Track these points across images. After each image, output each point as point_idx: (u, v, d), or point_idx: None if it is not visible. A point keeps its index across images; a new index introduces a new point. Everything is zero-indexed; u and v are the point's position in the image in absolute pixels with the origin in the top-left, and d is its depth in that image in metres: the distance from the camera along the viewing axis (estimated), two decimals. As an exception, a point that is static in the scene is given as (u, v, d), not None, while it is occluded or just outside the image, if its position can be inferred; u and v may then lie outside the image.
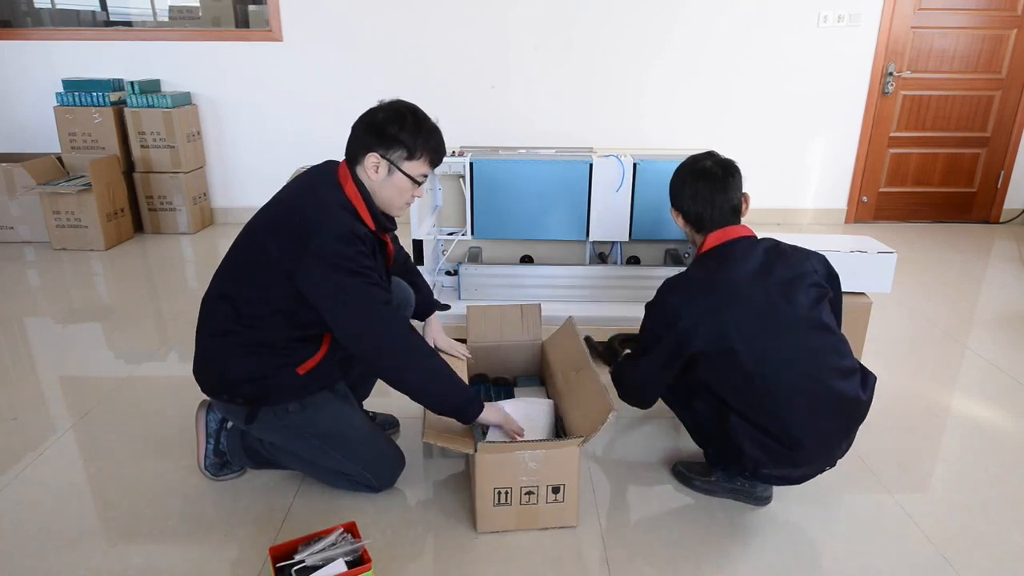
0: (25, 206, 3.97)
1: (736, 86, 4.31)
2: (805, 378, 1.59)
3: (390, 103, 1.66)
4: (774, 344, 1.58)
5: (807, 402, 1.59)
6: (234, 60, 4.27)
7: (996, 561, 1.65)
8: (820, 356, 1.61)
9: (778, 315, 1.59)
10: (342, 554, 1.50)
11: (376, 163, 1.60)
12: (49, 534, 1.70)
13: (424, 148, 1.62)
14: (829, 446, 1.67)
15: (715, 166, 1.75)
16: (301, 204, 1.62)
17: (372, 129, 1.61)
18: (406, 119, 1.60)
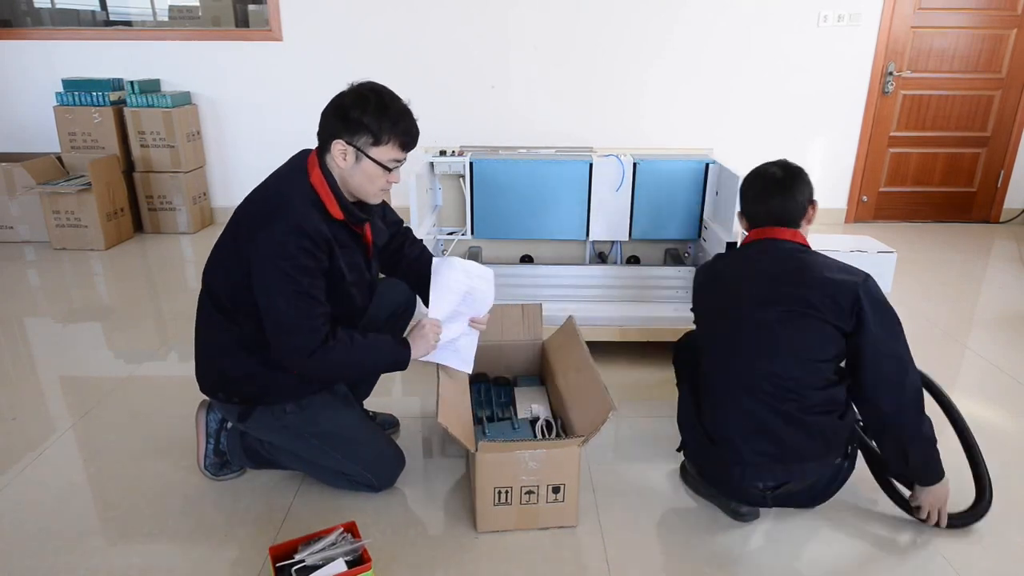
0: (25, 206, 3.96)
1: (736, 86, 4.31)
2: (733, 375, 1.65)
3: (357, 85, 1.58)
4: (721, 333, 1.70)
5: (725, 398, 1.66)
6: (234, 60, 4.27)
7: (995, 561, 1.65)
8: (754, 358, 1.62)
9: (735, 311, 1.67)
10: (342, 554, 1.50)
11: (343, 150, 1.54)
12: (49, 534, 1.70)
13: (391, 132, 1.54)
14: (749, 465, 1.63)
15: (778, 169, 1.77)
16: (262, 196, 1.61)
17: (337, 114, 1.55)
18: (369, 102, 1.52)
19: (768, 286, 1.64)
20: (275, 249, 1.50)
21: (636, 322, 2.57)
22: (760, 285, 1.65)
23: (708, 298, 1.79)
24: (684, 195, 2.73)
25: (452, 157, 2.70)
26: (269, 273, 1.52)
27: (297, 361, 1.58)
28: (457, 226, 2.83)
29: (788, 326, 1.59)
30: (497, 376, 2.26)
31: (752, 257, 1.71)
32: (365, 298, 1.77)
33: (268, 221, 1.52)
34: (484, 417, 2.03)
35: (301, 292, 1.52)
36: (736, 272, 1.72)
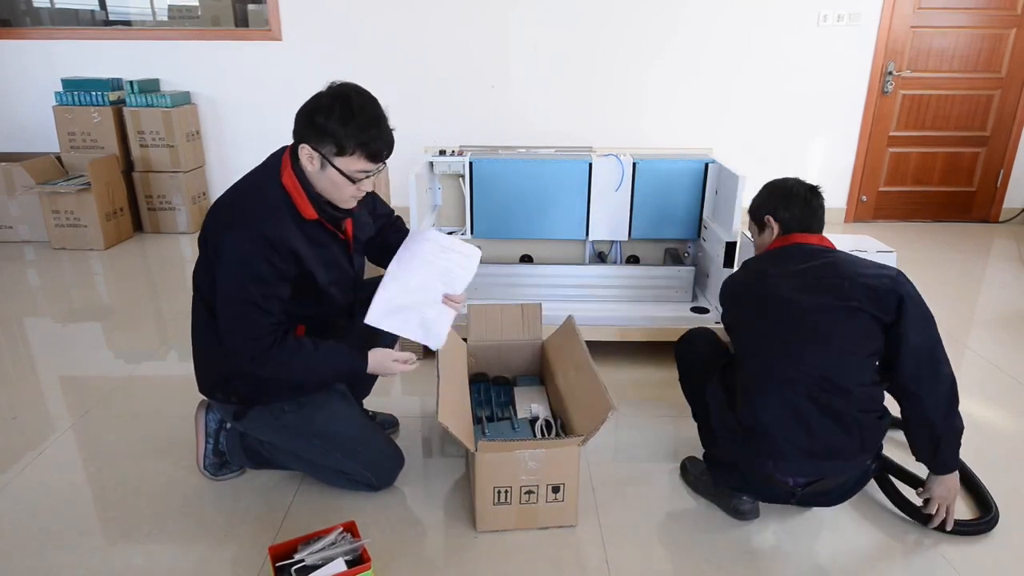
0: (24, 206, 3.96)
1: (736, 85, 4.31)
2: (779, 369, 1.62)
3: (332, 87, 1.51)
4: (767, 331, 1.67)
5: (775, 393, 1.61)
6: (233, 59, 4.27)
7: (996, 561, 1.65)
8: (803, 351, 1.61)
9: (779, 308, 1.66)
10: (342, 553, 1.50)
11: (309, 155, 1.50)
12: (49, 534, 1.70)
13: (356, 143, 1.47)
14: (779, 449, 1.60)
15: (804, 185, 1.85)
16: (232, 197, 1.59)
17: (305, 116, 1.49)
18: (334, 109, 1.45)
19: (811, 282, 1.65)
20: (233, 255, 1.50)
21: (636, 322, 2.57)
22: (803, 281, 1.66)
23: (747, 301, 1.77)
24: (684, 195, 2.73)
25: (452, 157, 2.70)
26: (224, 277, 1.52)
27: (241, 363, 1.58)
28: (457, 226, 2.83)
29: (835, 318, 1.61)
30: (497, 376, 2.26)
31: (786, 259, 1.74)
32: (348, 295, 1.76)
33: (231, 225, 1.51)
34: (484, 417, 2.03)
35: (249, 301, 1.51)
36: (776, 272, 1.72)
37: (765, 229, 1.86)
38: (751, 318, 1.74)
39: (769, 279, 1.71)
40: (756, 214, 1.89)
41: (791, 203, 1.81)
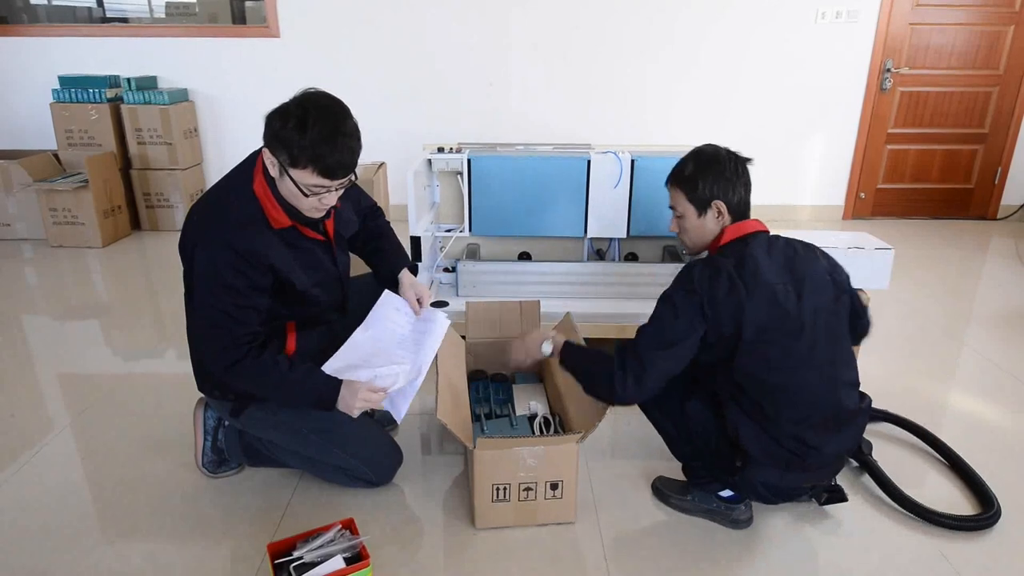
0: (22, 203, 3.96)
1: (734, 83, 4.31)
2: (817, 382, 1.55)
3: (303, 96, 1.45)
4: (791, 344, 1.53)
5: (812, 406, 1.55)
6: (231, 56, 4.26)
7: (993, 557, 1.65)
8: (835, 367, 1.57)
9: (799, 316, 1.53)
10: (340, 550, 1.50)
11: (271, 161, 1.46)
12: (47, 532, 1.70)
13: (307, 157, 1.40)
14: (822, 456, 1.58)
15: (725, 152, 1.70)
16: (205, 205, 1.58)
17: (268, 120, 1.45)
18: (289, 120, 1.39)
19: (804, 279, 1.56)
20: (205, 267, 1.50)
21: (634, 319, 2.56)
22: (795, 278, 1.56)
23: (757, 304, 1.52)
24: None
25: (450, 154, 2.69)
26: (197, 287, 1.53)
27: (215, 373, 1.59)
28: (455, 223, 2.82)
29: (836, 312, 1.59)
30: (495, 373, 2.26)
31: (772, 254, 1.59)
32: (334, 292, 1.76)
33: (202, 238, 1.51)
34: (482, 414, 2.03)
35: (221, 311, 1.51)
36: (772, 275, 1.55)
37: (707, 212, 1.65)
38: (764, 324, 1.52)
39: (764, 283, 1.53)
40: (701, 195, 1.64)
41: (737, 183, 1.65)
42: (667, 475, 1.88)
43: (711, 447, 1.68)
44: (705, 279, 1.53)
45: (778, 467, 1.58)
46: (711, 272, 1.54)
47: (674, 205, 1.73)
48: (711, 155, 1.69)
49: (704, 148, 1.72)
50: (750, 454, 1.58)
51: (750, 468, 1.60)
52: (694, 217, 1.68)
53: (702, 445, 1.70)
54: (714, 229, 1.67)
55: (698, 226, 1.68)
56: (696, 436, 1.70)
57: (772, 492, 1.66)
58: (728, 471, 1.66)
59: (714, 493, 1.74)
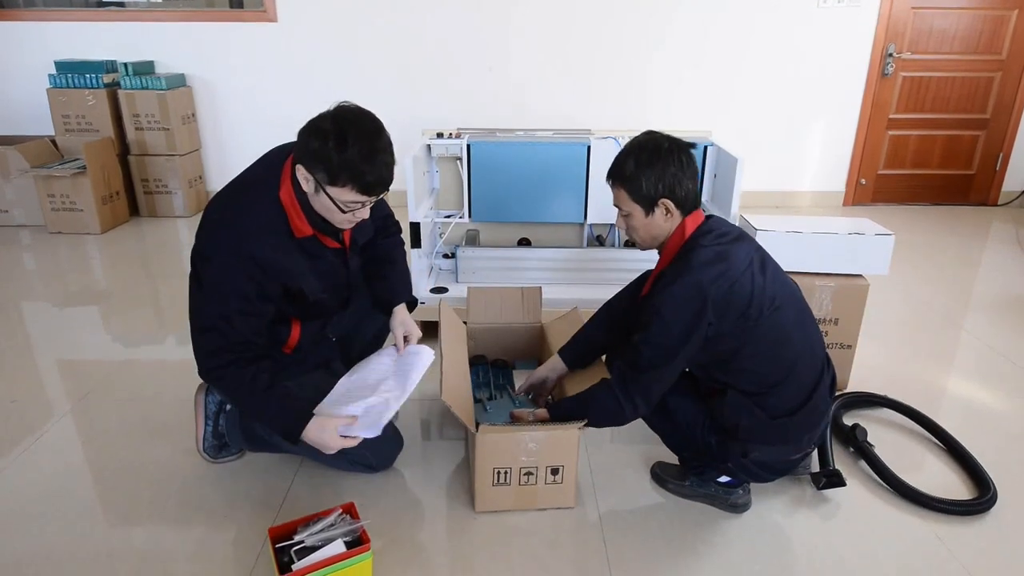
0: (20, 189, 3.94)
1: (736, 68, 4.28)
2: (805, 343, 1.60)
3: (337, 112, 1.43)
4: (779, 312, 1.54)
5: (802, 373, 1.59)
6: (228, 41, 4.22)
7: (990, 541, 1.66)
8: (811, 325, 1.65)
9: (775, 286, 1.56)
10: (341, 534, 1.51)
11: (305, 176, 1.46)
12: (48, 517, 1.71)
13: (347, 175, 1.41)
14: (809, 421, 1.60)
15: (670, 142, 1.58)
16: (228, 199, 1.56)
17: (303, 137, 1.44)
18: (329, 139, 1.39)
19: (764, 257, 1.61)
20: (218, 270, 1.49)
21: (634, 305, 2.56)
22: (761, 259, 1.58)
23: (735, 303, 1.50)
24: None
25: (449, 139, 2.68)
26: (206, 287, 1.51)
27: (199, 367, 1.58)
28: (455, 209, 2.82)
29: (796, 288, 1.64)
30: (496, 359, 2.26)
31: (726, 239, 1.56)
32: (341, 295, 1.77)
33: (221, 238, 1.50)
34: (483, 399, 2.03)
35: (222, 316, 1.51)
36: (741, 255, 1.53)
37: (655, 211, 1.57)
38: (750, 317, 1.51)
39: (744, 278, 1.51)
40: (646, 194, 1.55)
41: (683, 176, 1.54)
42: (665, 460, 1.89)
43: (698, 438, 1.69)
44: (709, 281, 1.47)
45: (774, 443, 1.61)
46: (712, 273, 1.48)
47: (618, 204, 1.64)
48: (653, 148, 1.56)
49: (644, 140, 1.59)
50: (751, 439, 1.59)
51: (750, 453, 1.61)
52: (641, 216, 1.59)
53: (690, 436, 1.72)
54: (666, 226, 1.59)
55: (646, 224, 1.60)
56: (682, 429, 1.72)
57: (767, 470, 1.68)
58: (719, 459, 1.67)
59: (712, 478, 1.75)
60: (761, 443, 1.60)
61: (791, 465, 1.72)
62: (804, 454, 1.71)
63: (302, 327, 1.73)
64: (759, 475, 1.70)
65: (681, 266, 1.53)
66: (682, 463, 1.82)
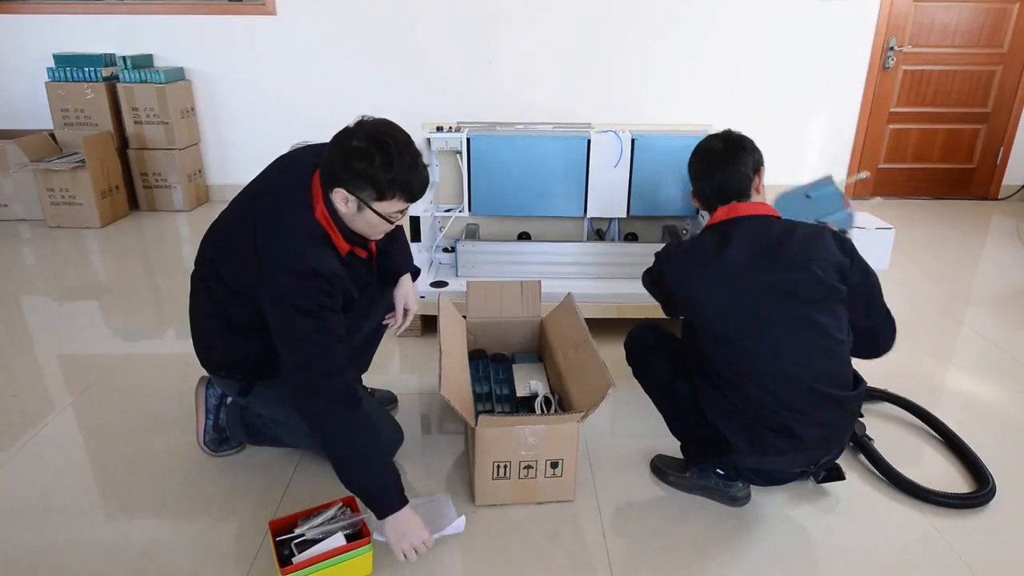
0: (19, 183, 3.93)
1: (737, 62, 4.26)
2: (791, 368, 1.53)
3: (368, 129, 1.45)
4: (759, 331, 1.53)
5: (781, 391, 1.54)
6: (227, 34, 4.21)
7: (989, 533, 1.67)
8: (807, 353, 1.55)
9: (767, 304, 1.53)
10: (341, 528, 1.52)
11: (344, 198, 1.47)
12: (49, 510, 1.72)
13: (396, 188, 1.45)
14: (802, 443, 1.57)
15: (718, 142, 1.72)
16: (266, 225, 1.50)
17: (341, 161, 1.44)
18: (374, 157, 1.41)
19: (778, 274, 1.54)
20: (295, 294, 1.45)
21: (634, 299, 2.56)
22: (769, 273, 1.54)
23: (712, 287, 1.57)
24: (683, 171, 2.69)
25: (449, 133, 2.68)
26: (292, 317, 1.46)
27: (306, 409, 1.49)
28: (454, 203, 2.81)
29: (820, 315, 1.54)
30: (495, 353, 2.26)
31: (752, 239, 1.59)
32: (366, 297, 1.80)
33: (278, 265, 1.46)
34: (483, 393, 2.04)
35: (319, 343, 1.47)
36: (742, 262, 1.56)
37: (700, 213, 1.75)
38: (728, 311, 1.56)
39: (734, 271, 1.55)
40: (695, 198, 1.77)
41: (710, 172, 1.69)
42: (666, 453, 1.89)
43: (697, 429, 1.70)
44: (673, 250, 1.70)
45: (756, 452, 1.59)
46: (681, 248, 1.69)
47: None
48: (692, 152, 1.77)
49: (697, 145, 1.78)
50: (730, 440, 1.61)
51: (732, 454, 1.62)
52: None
53: (692, 425, 1.73)
54: (707, 214, 1.75)
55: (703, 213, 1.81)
56: (685, 416, 1.74)
57: (758, 476, 1.69)
58: (717, 452, 1.68)
59: (712, 470, 1.75)
60: (740, 446, 1.60)
61: (784, 476, 1.71)
62: (802, 472, 1.70)
63: None
64: (752, 479, 1.72)
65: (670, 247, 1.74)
66: (683, 451, 1.84)
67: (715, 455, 1.71)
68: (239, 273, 1.55)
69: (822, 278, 1.54)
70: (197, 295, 1.69)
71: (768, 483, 1.74)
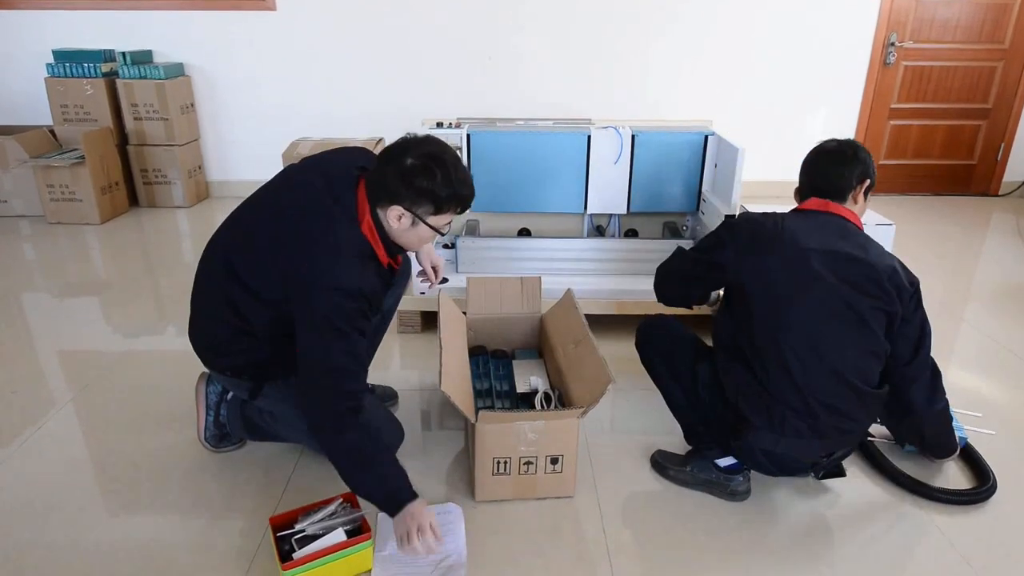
0: (18, 180, 3.93)
1: (737, 57, 4.25)
2: (827, 352, 1.56)
3: (421, 148, 1.51)
4: (810, 308, 1.56)
5: (814, 374, 1.56)
6: (227, 30, 4.20)
7: (988, 529, 1.67)
8: (845, 343, 1.58)
9: (825, 286, 1.55)
10: (342, 523, 1.52)
11: (400, 215, 1.51)
12: (50, 507, 1.72)
13: (452, 200, 1.53)
14: (819, 428, 1.59)
15: (835, 143, 1.78)
16: (314, 241, 1.50)
17: (399, 179, 1.48)
18: (435, 174, 1.48)
19: (845, 264, 1.57)
20: (336, 313, 1.46)
21: (634, 295, 2.56)
22: (835, 259, 1.57)
23: (776, 259, 1.60)
24: (683, 167, 2.71)
25: (449, 129, 2.67)
26: (325, 335, 1.47)
27: (323, 415, 1.50)
28: (454, 199, 2.81)
29: (869, 315, 1.57)
30: (495, 349, 2.26)
31: (816, 223, 1.66)
32: None
33: (323, 282, 1.46)
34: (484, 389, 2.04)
35: (348, 351, 1.49)
36: (807, 236, 1.61)
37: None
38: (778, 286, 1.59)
39: (797, 252, 1.59)
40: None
41: (807, 172, 1.78)
42: (665, 449, 1.90)
43: (715, 410, 1.72)
44: (740, 221, 1.71)
45: (775, 432, 1.61)
46: (750, 218, 1.70)
47: None
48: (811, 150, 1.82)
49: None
50: (748, 418, 1.62)
51: (749, 433, 1.63)
52: None
53: (708, 408, 1.75)
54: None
55: None
56: (703, 399, 1.75)
57: (770, 461, 1.68)
58: (730, 435, 1.69)
59: (712, 462, 1.76)
60: (748, 406, 1.62)
61: (796, 465, 1.72)
62: (814, 464, 1.70)
63: None
64: (763, 464, 1.71)
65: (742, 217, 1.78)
66: (689, 439, 1.86)
67: (724, 440, 1.73)
68: (272, 286, 1.53)
69: (885, 285, 1.57)
70: (210, 296, 1.65)
71: (778, 470, 1.74)
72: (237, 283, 1.59)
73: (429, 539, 1.46)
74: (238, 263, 1.59)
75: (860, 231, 1.69)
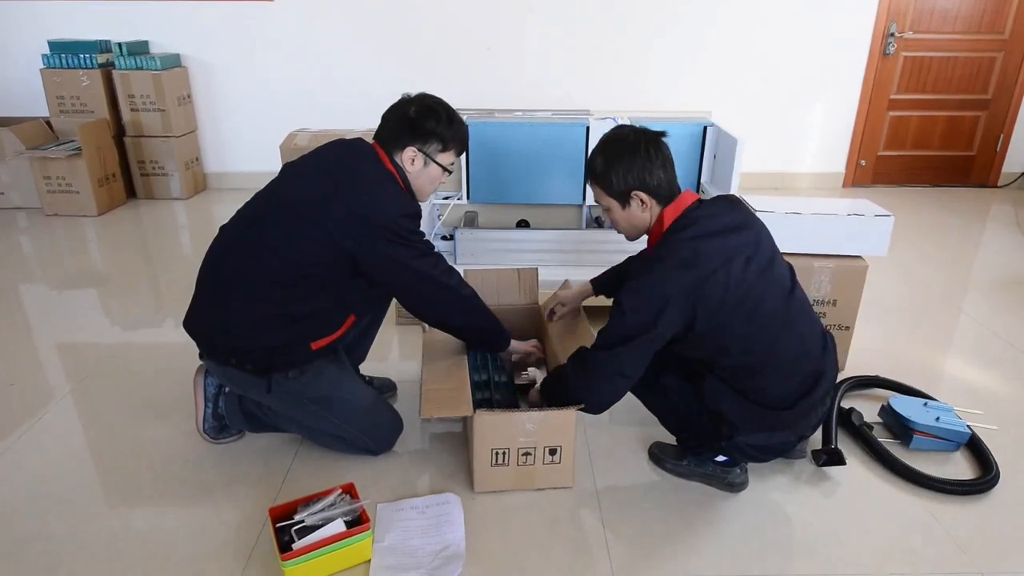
0: (15, 171, 3.91)
1: (736, 48, 4.24)
2: (789, 341, 1.57)
3: (420, 98, 1.73)
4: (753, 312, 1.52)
5: (787, 367, 1.57)
6: (224, 20, 4.17)
7: (985, 519, 1.68)
8: (795, 322, 1.58)
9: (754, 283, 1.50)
10: (341, 514, 1.52)
11: (413, 156, 1.69)
12: (49, 499, 1.72)
13: (455, 139, 1.72)
14: (805, 413, 1.61)
15: (641, 131, 1.62)
16: (357, 182, 1.62)
17: (407, 124, 1.68)
18: (440, 114, 1.70)
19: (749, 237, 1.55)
20: (402, 231, 1.62)
21: (633, 286, 2.56)
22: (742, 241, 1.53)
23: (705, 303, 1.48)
24: (682, 158, 2.70)
25: (447, 120, 2.66)
26: (401, 255, 1.63)
27: (448, 283, 1.72)
28: (453, 190, 2.80)
29: (778, 262, 1.59)
30: (494, 340, 2.26)
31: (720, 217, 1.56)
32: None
33: (383, 209, 1.60)
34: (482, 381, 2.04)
35: (425, 253, 1.68)
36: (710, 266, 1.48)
37: (631, 203, 1.58)
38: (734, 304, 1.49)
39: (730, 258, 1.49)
40: (618, 188, 1.58)
41: (653, 166, 1.55)
42: (663, 440, 1.90)
43: (693, 418, 1.70)
44: (674, 285, 1.48)
45: (764, 430, 1.61)
46: (678, 278, 1.48)
47: (597, 200, 1.67)
48: (618, 143, 1.59)
49: (610, 135, 1.64)
50: (734, 423, 1.61)
51: (737, 436, 1.62)
52: (619, 210, 1.62)
53: (685, 417, 1.73)
54: (645, 217, 1.60)
55: (626, 217, 1.63)
56: (678, 408, 1.74)
57: (761, 451, 1.69)
58: (715, 439, 1.68)
59: (710, 459, 1.76)
60: (748, 428, 1.61)
61: (787, 447, 1.73)
62: (801, 437, 1.71)
63: (346, 331, 1.78)
64: (754, 456, 1.71)
65: (651, 263, 1.53)
66: (680, 443, 1.84)
67: (711, 444, 1.71)
68: (340, 234, 1.58)
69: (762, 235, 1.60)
70: (248, 282, 1.64)
71: (770, 456, 1.74)
72: (271, 253, 1.61)
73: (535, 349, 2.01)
74: (272, 232, 1.62)
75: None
